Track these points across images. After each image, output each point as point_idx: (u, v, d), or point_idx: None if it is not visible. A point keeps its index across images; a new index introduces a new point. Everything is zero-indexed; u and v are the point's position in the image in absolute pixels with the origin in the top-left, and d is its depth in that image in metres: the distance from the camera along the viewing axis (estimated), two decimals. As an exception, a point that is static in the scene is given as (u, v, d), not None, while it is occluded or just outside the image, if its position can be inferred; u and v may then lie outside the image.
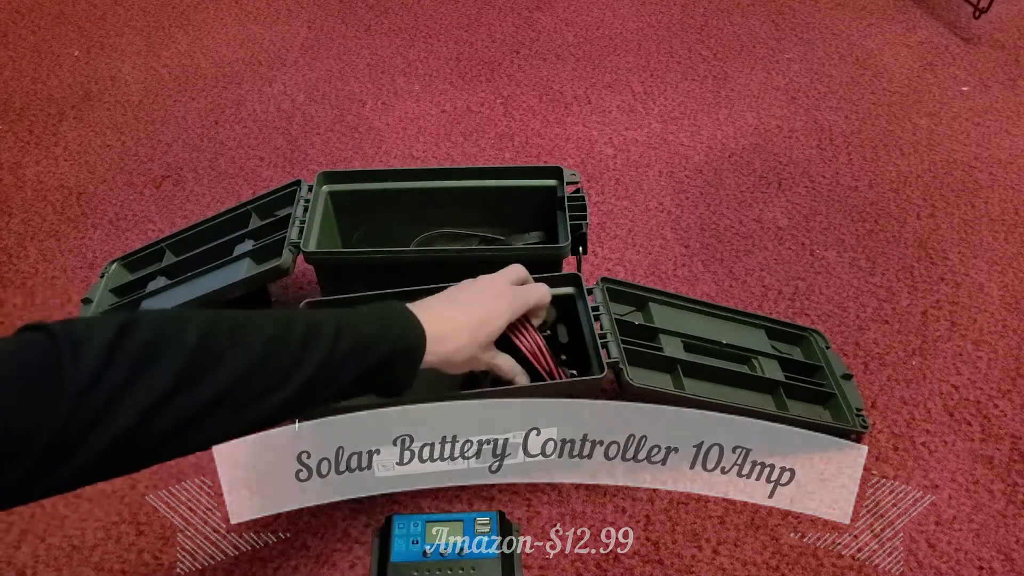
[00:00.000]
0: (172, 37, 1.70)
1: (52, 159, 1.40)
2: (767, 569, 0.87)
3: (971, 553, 0.88)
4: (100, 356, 0.44)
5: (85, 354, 0.44)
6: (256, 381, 0.52)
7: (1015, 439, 0.98)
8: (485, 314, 0.73)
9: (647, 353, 0.91)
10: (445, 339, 0.69)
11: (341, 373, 0.59)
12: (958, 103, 1.50)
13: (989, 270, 1.18)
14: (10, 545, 0.90)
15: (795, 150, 1.40)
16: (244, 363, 0.51)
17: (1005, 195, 1.31)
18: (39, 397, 0.42)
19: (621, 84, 1.55)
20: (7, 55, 1.64)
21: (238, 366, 0.51)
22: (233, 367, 0.51)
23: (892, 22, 1.71)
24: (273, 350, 0.54)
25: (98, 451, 0.44)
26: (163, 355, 0.48)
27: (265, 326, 0.55)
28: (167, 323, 0.50)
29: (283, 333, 0.56)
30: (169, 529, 0.90)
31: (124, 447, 0.46)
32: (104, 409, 0.44)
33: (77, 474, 0.45)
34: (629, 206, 1.29)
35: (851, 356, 1.07)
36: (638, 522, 0.90)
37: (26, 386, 0.42)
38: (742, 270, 1.19)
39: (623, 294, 0.97)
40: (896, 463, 0.95)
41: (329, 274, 1.02)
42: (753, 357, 0.99)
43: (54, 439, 0.42)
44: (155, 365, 0.47)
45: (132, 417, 0.45)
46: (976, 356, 1.07)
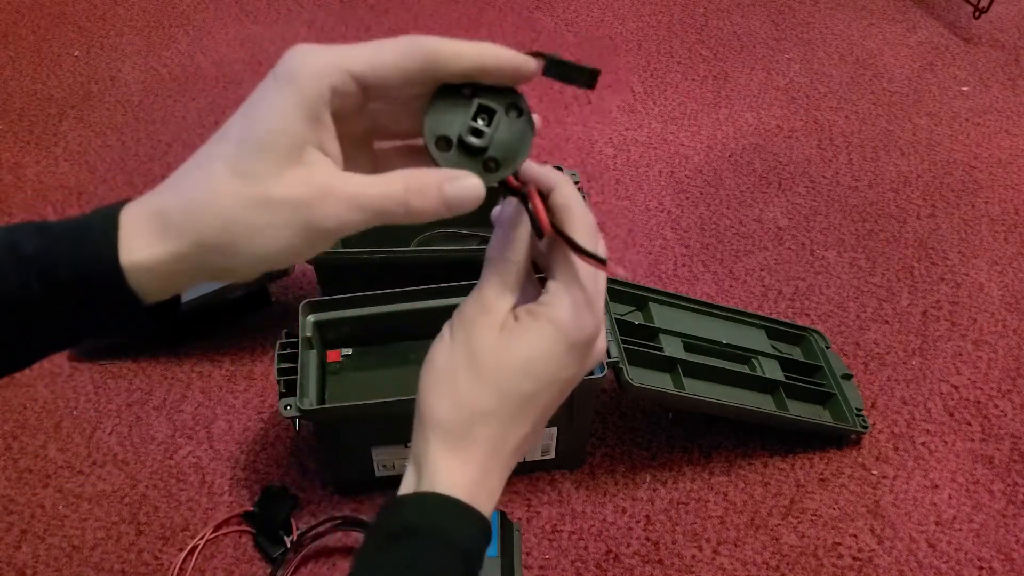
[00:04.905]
0: (172, 37, 1.70)
1: (52, 159, 1.40)
2: (767, 569, 0.87)
3: (971, 553, 0.87)
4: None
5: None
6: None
7: (1015, 439, 0.98)
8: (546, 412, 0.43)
9: (647, 353, 0.91)
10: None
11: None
12: (958, 103, 1.50)
13: (989, 270, 1.18)
14: (10, 545, 0.90)
15: (795, 150, 1.40)
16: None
17: (1005, 195, 1.31)
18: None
19: (621, 84, 1.55)
20: (7, 55, 1.64)
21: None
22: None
23: (892, 22, 1.71)
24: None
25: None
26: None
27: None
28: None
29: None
30: (169, 529, 0.90)
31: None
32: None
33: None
34: (629, 206, 1.29)
35: (851, 356, 1.07)
36: (638, 522, 0.90)
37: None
38: (742, 270, 1.19)
39: (623, 294, 0.97)
40: (896, 463, 0.95)
41: (329, 274, 1.02)
42: (753, 357, 0.99)
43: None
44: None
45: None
46: (976, 356, 1.07)
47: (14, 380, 1.05)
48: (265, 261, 0.35)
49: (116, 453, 0.97)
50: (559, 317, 0.39)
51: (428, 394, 0.40)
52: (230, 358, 1.07)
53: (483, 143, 0.36)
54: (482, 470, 0.40)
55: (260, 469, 0.95)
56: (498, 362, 0.39)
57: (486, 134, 0.36)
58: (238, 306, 1.09)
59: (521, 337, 0.39)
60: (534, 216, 0.38)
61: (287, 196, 0.34)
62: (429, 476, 0.39)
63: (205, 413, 1.01)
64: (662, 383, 0.90)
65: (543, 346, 0.39)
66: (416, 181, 0.35)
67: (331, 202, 0.34)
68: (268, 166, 0.33)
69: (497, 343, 0.39)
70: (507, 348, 0.39)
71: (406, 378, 0.90)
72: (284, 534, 0.88)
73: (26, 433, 1.00)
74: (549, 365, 0.40)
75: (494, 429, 0.40)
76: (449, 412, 0.39)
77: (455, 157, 0.36)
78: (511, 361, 0.39)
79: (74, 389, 1.04)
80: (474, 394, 0.39)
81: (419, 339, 0.94)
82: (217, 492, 0.93)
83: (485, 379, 0.39)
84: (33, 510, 0.93)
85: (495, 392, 0.39)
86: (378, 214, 0.35)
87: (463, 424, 0.39)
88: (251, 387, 1.04)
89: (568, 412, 0.87)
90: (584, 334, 0.40)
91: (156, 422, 1.00)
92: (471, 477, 0.39)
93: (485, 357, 0.39)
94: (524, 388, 0.40)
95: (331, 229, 0.35)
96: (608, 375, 0.83)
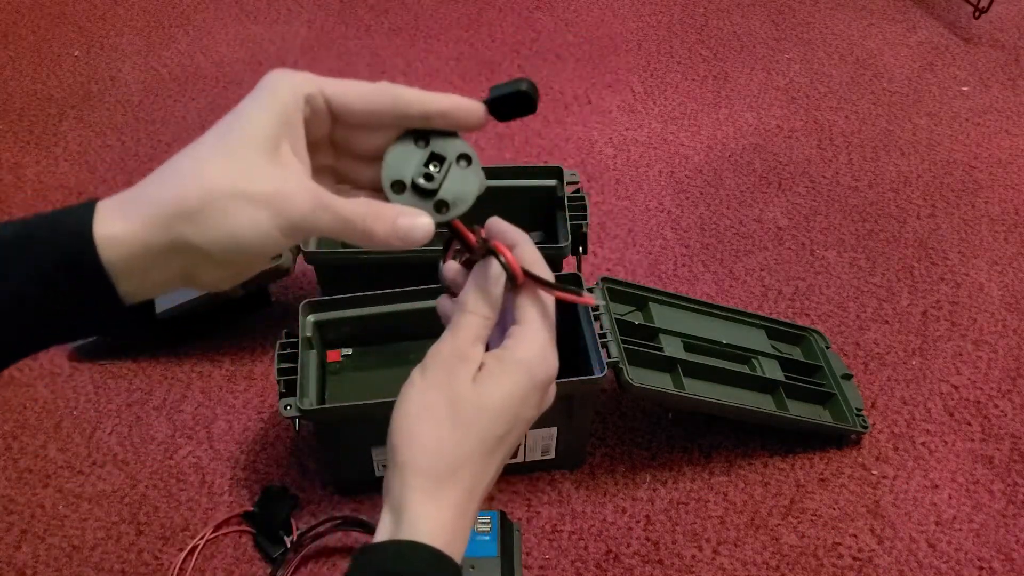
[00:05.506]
0: (172, 37, 1.70)
1: (52, 159, 1.40)
2: (767, 569, 0.87)
3: (971, 553, 0.87)
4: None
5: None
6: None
7: (1015, 439, 0.98)
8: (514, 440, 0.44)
9: (647, 353, 0.91)
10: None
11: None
12: (958, 103, 1.50)
13: (989, 270, 1.18)
14: (10, 545, 0.90)
15: (795, 150, 1.40)
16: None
17: (1005, 195, 1.31)
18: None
19: (621, 84, 1.55)
20: (7, 55, 1.64)
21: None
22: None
23: (892, 22, 1.71)
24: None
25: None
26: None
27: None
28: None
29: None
30: (169, 529, 0.90)
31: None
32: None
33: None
34: (629, 206, 1.29)
35: (851, 356, 1.07)
36: (638, 522, 0.90)
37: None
38: (742, 270, 1.19)
39: (623, 294, 0.97)
40: (896, 463, 0.95)
41: (329, 274, 1.02)
42: (753, 357, 0.99)
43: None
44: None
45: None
46: (976, 356, 1.07)
47: (14, 380, 1.05)
48: (237, 242, 0.36)
49: (116, 453, 0.97)
50: (528, 359, 0.42)
51: (406, 441, 0.41)
52: (230, 358, 1.07)
53: (433, 186, 0.40)
54: (459, 513, 0.41)
55: (260, 469, 0.95)
56: (478, 408, 0.41)
57: (436, 179, 0.40)
58: (238, 306, 1.09)
59: (496, 382, 0.41)
60: (507, 266, 0.41)
61: (265, 182, 0.36)
62: (409, 523, 0.40)
63: (205, 413, 1.01)
64: (662, 383, 0.90)
65: (515, 388, 0.42)
66: (376, 207, 0.39)
67: (303, 198, 0.37)
68: (248, 154, 0.36)
69: (474, 390, 0.41)
70: (484, 394, 0.41)
71: (406, 378, 0.90)
72: (284, 534, 0.88)
73: (26, 433, 1.00)
74: (520, 406, 0.42)
75: (471, 472, 0.41)
76: (430, 460, 0.41)
77: (409, 198, 0.40)
78: (489, 405, 0.41)
79: (74, 389, 1.04)
80: (454, 441, 0.41)
81: (419, 339, 0.94)
82: (217, 492, 0.93)
83: (464, 426, 0.41)
84: (33, 510, 0.93)
85: (473, 438, 0.41)
86: (342, 221, 0.38)
87: (443, 470, 0.41)
88: (251, 387, 1.04)
89: (568, 412, 0.87)
90: (548, 374, 0.43)
91: (156, 422, 1.00)
92: (449, 523, 0.40)
93: (464, 404, 0.41)
94: (498, 430, 0.42)
95: (298, 222, 0.37)
96: (608, 375, 0.83)
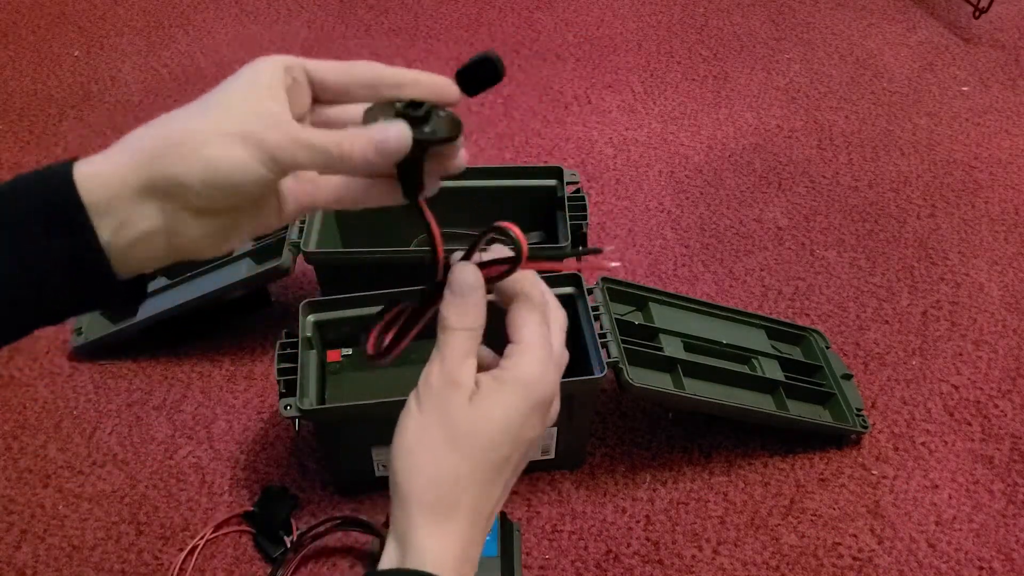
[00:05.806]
0: (172, 37, 1.70)
1: (52, 159, 1.39)
2: (767, 569, 0.87)
3: (971, 553, 0.87)
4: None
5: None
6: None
7: (1015, 439, 0.98)
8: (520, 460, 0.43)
9: (647, 353, 0.91)
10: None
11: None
12: (958, 103, 1.50)
13: (989, 270, 1.18)
14: (10, 545, 0.90)
15: (795, 150, 1.40)
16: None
17: (1005, 195, 1.31)
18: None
19: (621, 84, 1.55)
20: (7, 55, 1.64)
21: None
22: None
23: (892, 22, 1.71)
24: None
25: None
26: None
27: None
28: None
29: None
30: (169, 529, 0.90)
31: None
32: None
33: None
34: (629, 206, 1.29)
35: (851, 356, 1.07)
36: (638, 522, 0.90)
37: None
38: (742, 270, 1.19)
39: (623, 294, 0.97)
40: (896, 463, 0.95)
41: (329, 274, 1.02)
42: (753, 357, 0.99)
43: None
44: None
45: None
46: (976, 356, 1.07)
47: (14, 380, 1.05)
48: (216, 173, 0.37)
49: (116, 453, 0.97)
50: (527, 377, 0.40)
51: (406, 471, 0.40)
52: (230, 358, 1.07)
53: (419, 113, 0.39)
54: (466, 541, 0.40)
55: (260, 469, 0.95)
56: (475, 432, 0.39)
57: (416, 112, 0.39)
58: (238, 306, 1.09)
59: (494, 403, 0.40)
60: (518, 243, 0.39)
61: (243, 122, 0.37)
62: (415, 554, 0.39)
63: (205, 413, 1.01)
64: (662, 383, 0.90)
65: (514, 409, 0.40)
66: (350, 132, 0.39)
67: (280, 131, 0.37)
68: (231, 106, 0.38)
69: (470, 413, 0.39)
70: (481, 416, 0.39)
71: (406, 378, 0.89)
72: (284, 534, 0.88)
73: (26, 433, 1.00)
74: (519, 427, 0.40)
75: (474, 497, 0.40)
76: (431, 489, 0.39)
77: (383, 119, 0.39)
78: (487, 428, 0.40)
79: (74, 389, 1.04)
80: (454, 468, 0.39)
81: (419, 339, 0.94)
82: (217, 492, 0.93)
83: (463, 451, 0.39)
84: (33, 510, 0.93)
85: (473, 462, 0.40)
86: (318, 151, 0.38)
87: (446, 498, 0.39)
88: (251, 387, 1.04)
89: (568, 412, 0.87)
90: (549, 392, 0.41)
91: (156, 422, 1.00)
92: (456, 551, 0.39)
93: (461, 430, 0.39)
94: (499, 454, 0.40)
95: (275, 152, 0.37)
96: (608, 375, 0.83)
